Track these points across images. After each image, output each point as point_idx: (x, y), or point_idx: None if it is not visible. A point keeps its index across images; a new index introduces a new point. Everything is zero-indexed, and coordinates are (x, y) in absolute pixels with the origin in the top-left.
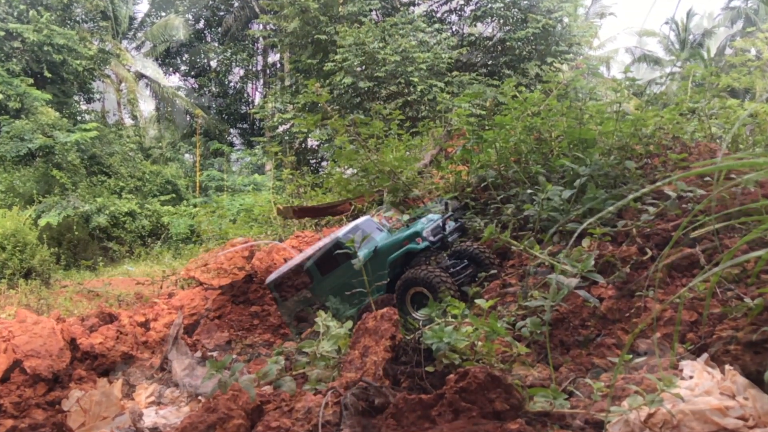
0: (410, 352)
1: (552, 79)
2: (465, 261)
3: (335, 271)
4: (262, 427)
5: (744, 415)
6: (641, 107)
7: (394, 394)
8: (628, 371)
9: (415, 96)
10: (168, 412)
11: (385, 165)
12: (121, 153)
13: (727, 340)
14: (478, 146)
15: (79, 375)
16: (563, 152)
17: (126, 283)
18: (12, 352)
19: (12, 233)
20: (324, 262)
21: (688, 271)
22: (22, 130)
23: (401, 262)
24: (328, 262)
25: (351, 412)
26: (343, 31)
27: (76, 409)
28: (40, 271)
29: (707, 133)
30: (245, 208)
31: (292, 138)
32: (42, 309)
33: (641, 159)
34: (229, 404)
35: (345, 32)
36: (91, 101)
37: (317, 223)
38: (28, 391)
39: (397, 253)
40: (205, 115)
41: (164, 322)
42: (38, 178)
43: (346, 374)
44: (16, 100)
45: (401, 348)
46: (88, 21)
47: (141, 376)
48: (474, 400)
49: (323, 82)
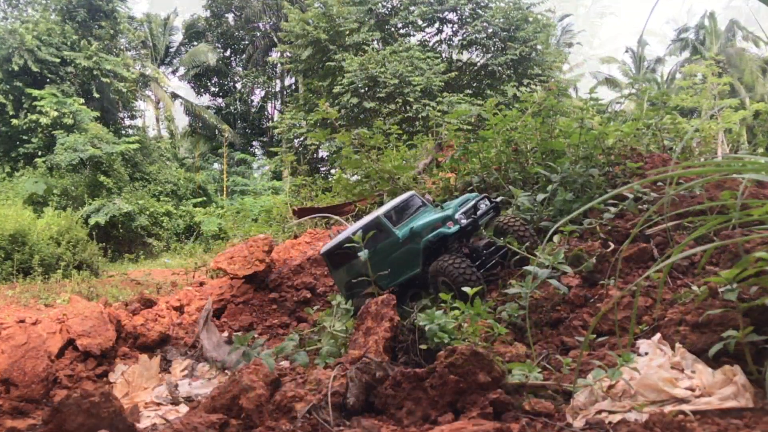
0: (407, 332)
1: (527, 98)
2: (498, 241)
3: (378, 245)
4: (279, 396)
5: (691, 386)
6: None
7: (392, 368)
8: (593, 349)
9: (411, 113)
10: (199, 383)
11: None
12: (159, 162)
13: (677, 322)
14: (464, 156)
15: (123, 352)
16: (537, 161)
17: (163, 273)
18: (66, 332)
19: (66, 230)
20: (370, 233)
21: (644, 262)
22: (74, 143)
23: (437, 245)
24: (370, 237)
25: (356, 384)
26: (349, 59)
27: (121, 381)
28: (89, 263)
29: (660, 145)
30: (265, 209)
31: (306, 149)
32: (91, 296)
33: (604, 167)
34: (252, 376)
35: (351, 59)
36: (134, 118)
37: (328, 222)
38: (80, 366)
39: (430, 236)
40: (231, 129)
41: (196, 307)
42: (88, 184)
43: (352, 351)
44: (70, 117)
45: (399, 329)
46: (131, 49)
47: (176, 353)
48: (461, 373)
49: (332, 101)
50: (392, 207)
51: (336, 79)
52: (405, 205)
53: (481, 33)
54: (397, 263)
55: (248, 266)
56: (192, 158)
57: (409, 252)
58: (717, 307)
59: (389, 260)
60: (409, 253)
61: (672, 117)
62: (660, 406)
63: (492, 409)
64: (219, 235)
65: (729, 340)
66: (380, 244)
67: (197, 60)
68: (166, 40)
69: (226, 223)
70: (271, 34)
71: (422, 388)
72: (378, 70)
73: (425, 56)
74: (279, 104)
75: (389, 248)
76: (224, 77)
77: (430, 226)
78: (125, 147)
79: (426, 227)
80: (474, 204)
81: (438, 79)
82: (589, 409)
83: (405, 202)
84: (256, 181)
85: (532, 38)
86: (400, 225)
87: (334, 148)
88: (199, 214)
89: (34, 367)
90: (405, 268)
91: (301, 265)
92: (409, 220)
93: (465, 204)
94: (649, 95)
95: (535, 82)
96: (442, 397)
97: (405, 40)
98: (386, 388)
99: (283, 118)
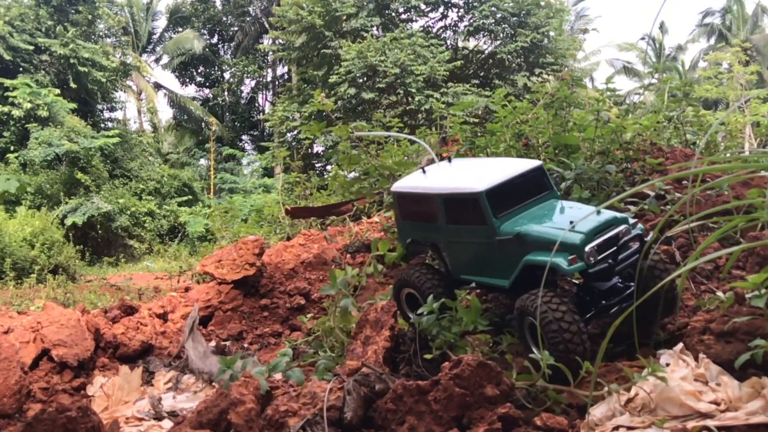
0: (408, 341)
1: (539, 89)
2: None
3: (462, 225)
4: (271, 410)
5: (716, 400)
6: (621, 115)
7: (393, 380)
8: (610, 359)
9: (413, 105)
10: (185, 397)
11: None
12: (141, 158)
13: (701, 331)
14: (471, 152)
15: (102, 363)
16: (549, 157)
17: (146, 278)
18: (41, 342)
19: (41, 232)
20: (452, 208)
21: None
22: (50, 137)
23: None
24: (456, 211)
25: (354, 397)
26: (346, 46)
27: (100, 394)
28: (66, 267)
29: (682, 139)
30: (256, 209)
31: (300, 144)
32: (68, 302)
33: (622, 163)
34: (241, 389)
35: (348, 47)
36: (114, 110)
37: (323, 223)
38: (55, 378)
39: (536, 258)
40: (219, 122)
41: (181, 314)
42: (64, 181)
43: (349, 362)
44: (44, 108)
45: (400, 338)
46: (110, 36)
47: (159, 363)
48: (467, 386)
49: (328, 92)
50: (502, 181)
51: (332, 68)
52: (522, 182)
53: (489, 18)
54: (482, 258)
55: (237, 270)
56: (177, 154)
57: (503, 254)
58: (744, 314)
59: (473, 249)
60: (501, 255)
61: (695, 109)
62: (682, 421)
63: (501, 424)
64: (206, 237)
65: (757, 350)
66: (467, 226)
67: (182, 47)
68: (148, 26)
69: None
70: (262, 20)
71: (425, 401)
72: (378, 59)
73: (428, 43)
74: (270, 95)
75: (477, 237)
76: (211, 66)
77: (545, 241)
78: (104, 141)
79: (538, 240)
80: (617, 235)
81: (442, 69)
82: (606, 425)
83: (523, 178)
84: (245, 179)
85: (545, 24)
86: (506, 214)
87: (330, 143)
88: (185, 214)
89: (5, 380)
90: (490, 268)
91: (294, 269)
92: (519, 209)
93: (606, 230)
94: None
95: (547, 72)
96: (447, 411)
97: (407, 26)
98: (386, 401)
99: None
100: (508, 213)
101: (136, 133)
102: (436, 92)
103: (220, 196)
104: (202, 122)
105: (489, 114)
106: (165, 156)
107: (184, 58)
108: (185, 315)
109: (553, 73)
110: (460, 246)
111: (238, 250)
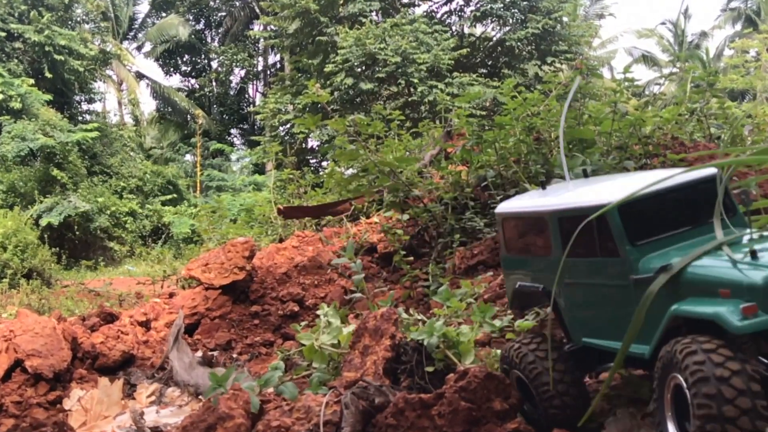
0: (410, 351)
1: (551, 79)
2: None
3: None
4: (262, 426)
5: None
6: (640, 107)
7: (394, 393)
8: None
9: (415, 97)
10: (169, 411)
11: (385, 164)
12: (122, 153)
13: None
14: (478, 146)
15: (80, 374)
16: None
17: (127, 282)
18: (13, 352)
19: (13, 233)
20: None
21: None
22: (23, 131)
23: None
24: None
25: (351, 411)
26: (343, 32)
27: (78, 409)
28: (41, 271)
29: (706, 133)
30: (245, 208)
31: (293, 138)
32: (43, 309)
33: (640, 159)
34: (230, 403)
35: (345, 33)
36: (92, 102)
37: (318, 223)
38: (29, 391)
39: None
40: (206, 115)
41: (165, 322)
42: (39, 178)
43: (347, 374)
44: (17, 100)
45: (401, 348)
46: (89, 22)
47: (142, 375)
48: (473, 400)
49: (324, 82)
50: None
51: (328, 56)
52: (681, 197)
53: (498, 2)
54: (613, 310)
55: (226, 275)
56: (160, 149)
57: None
58: None
59: (599, 295)
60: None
61: (720, 100)
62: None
63: None
64: (191, 239)
65: None
66: (591, 259)
67: (166, 34)
68: (129, 11)
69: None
70: (252, 4)
71: (429, 416)
72: (377, 46)
73: (432, 30)
74: (262, 86)
75: (605, 276)
76: (198, 54)
77: (708, 282)
78: (82, 136)
79: (696, 280)
80: None
81: (447, 57)
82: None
83: (681, 193)
84: (234, 176)
85: (557, 9)
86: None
87: (326, 137)
88: (169, 214)
89: None
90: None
91: (287, 273)
92: (675, 237)
93: None
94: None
95: (560, 60)
96: (452, 426)
97: (409, 11)
98: (387, 416)
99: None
100: (653, 241)
101: (116, 126)
102: (441, 82)
103: (207, 194)
104: (188, 115)
105: (497, 106)
106: (148, 151)
107: (168, 46)
108: (169, 323)
109: (566, 62)
110: (581, 290)
111: (227, 253)
